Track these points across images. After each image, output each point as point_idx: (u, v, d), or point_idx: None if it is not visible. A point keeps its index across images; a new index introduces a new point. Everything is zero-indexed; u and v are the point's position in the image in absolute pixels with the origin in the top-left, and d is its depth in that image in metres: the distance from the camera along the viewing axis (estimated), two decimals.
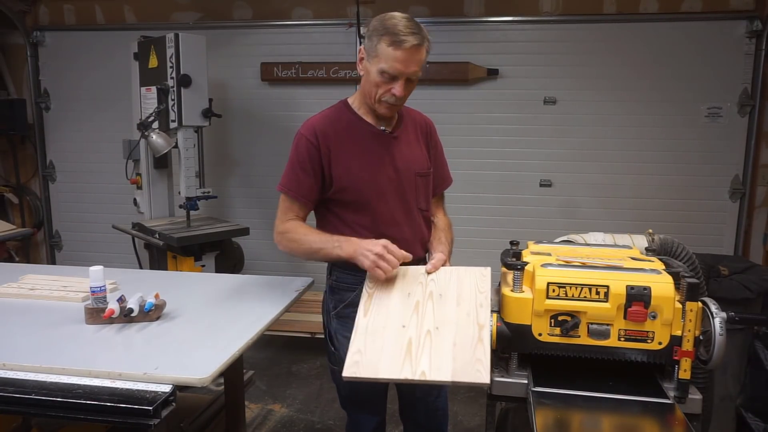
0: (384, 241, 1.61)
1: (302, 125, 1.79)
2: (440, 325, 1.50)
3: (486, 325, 1.50)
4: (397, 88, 1.66)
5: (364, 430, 1.92)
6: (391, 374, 1.39)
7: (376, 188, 1.75)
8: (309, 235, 1.74)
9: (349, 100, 1.84)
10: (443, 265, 1.72)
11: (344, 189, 1.75)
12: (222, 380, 2.18)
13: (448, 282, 1.65)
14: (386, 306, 1.57)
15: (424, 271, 1.69)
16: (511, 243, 1.66)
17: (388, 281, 1.64)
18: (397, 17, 1.65)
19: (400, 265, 1.65)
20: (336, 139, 1.75)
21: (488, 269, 1.67)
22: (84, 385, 1.34)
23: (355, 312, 1.56)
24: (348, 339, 1.78)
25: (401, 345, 1.45)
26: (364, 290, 1.63)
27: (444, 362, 1.40)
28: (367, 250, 1.60)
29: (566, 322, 1.44)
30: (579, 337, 1.45)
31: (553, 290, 1.44)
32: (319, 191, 1.77)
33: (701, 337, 1.42)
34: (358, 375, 1.40)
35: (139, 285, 1.95)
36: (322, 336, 1.94)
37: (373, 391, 1.89)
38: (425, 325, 1.51)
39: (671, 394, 1.43)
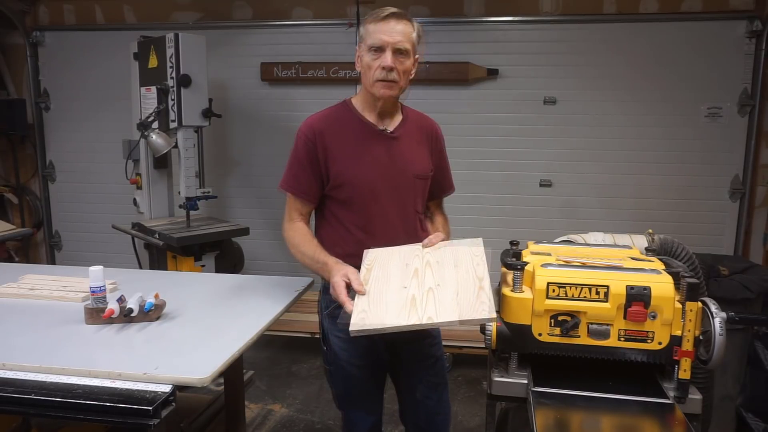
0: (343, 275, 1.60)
1: (302, 123, 1.80)
2: (440, 283, 1.54)
3: (485, 276, 1.53)
4: (386, 59, 1.66)
5: (359, 430, 1.92)
6: (399, 322, 1.42)
7: (372, 187, 1.75)
8: (301, 247, 1.76)
9: (352, 100, 1.84)
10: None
11: (339, 186, 1.76)
12: (222, 380, 2.18)
13: (444, 252, 1.69)
14: (386, 276, 1.60)
15: (420, 247, 1.73)
16: (511, 243, 1.66)
17: (386, 256, 1.68)
18: (385, 7, 1.70)
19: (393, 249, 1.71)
20: (333, 136, 1.76)
21: (480, 239, 1.72)
22: (84, 385, 1.34)
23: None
24: (340, 338, 1.79)
25: (405, 300, 1.49)
26: (362, 266, 1.65)
27: (449, 307, 1.44)
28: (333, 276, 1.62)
29: (566, 322, 1.44)
30: (579, 337, 1.45)
31: (553, 290, 1.44)
32: (319, 188, 1.79)
33: (701, 337, 1.42)
34: (365, 327, 1.42)
35: (139, 285, 1.94)
36: None
37: (368, 389, 1.89)
38: (426, 285, 1.54)
39: (671, 394, 1.43)
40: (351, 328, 1.43)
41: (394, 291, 1.53)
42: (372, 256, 1.69)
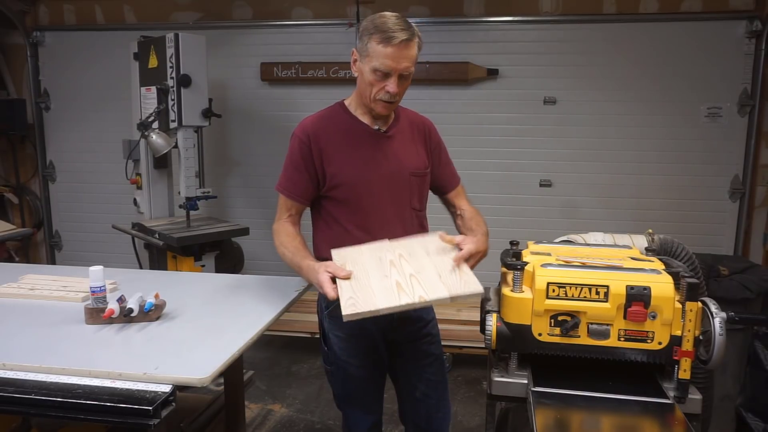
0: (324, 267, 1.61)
1: (297, 125, 1.81)
2: (420, 270, 1.56)
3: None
4: (391, 85, 1.67)
5: (360, 430, 1.92)
6: (391, 303, 1.44)
7: (368, 186, 1.76)
8: (282, 247, 1.80)
9: (346, 102, 1.85)
10: (476, 251, 1.62)
11: (336, 187, 1.76)
12: (222, 380, 2.17)
13: (412, 245, 1.70)
14: (363, 270, 1.59)
15: (387, 242, 1.72)
16: (511, 243, 1.66)
17: (355, 255, 1.68)
18: (387, 15, 1.66)
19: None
20: (328, 138, 1.76)
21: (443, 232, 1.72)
22: (84, 385, 1.34)
23: None
24: (340, 338, 1.79)
25: (390, 286, 1.50)
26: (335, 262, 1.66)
27: (436, 286, 1.47)
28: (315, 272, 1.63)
29: (566, 322, 1.44)
30: (579, 337, 1.45)
31: (553, 290, 1.44)
32: (314, 189, 1.80)
33: (701, 337, 1.42)
34: (357, 311, 1.43)
35: (139, 285, 1.95)
36: None
37: (368, 389, 1.89)
38: (406, 272, 1.56)
39: (671, 394, 1.43)
40: (344, 313, 1.42)
41: (376, 280, 1.53)
42: (341, 255, 1.69)
